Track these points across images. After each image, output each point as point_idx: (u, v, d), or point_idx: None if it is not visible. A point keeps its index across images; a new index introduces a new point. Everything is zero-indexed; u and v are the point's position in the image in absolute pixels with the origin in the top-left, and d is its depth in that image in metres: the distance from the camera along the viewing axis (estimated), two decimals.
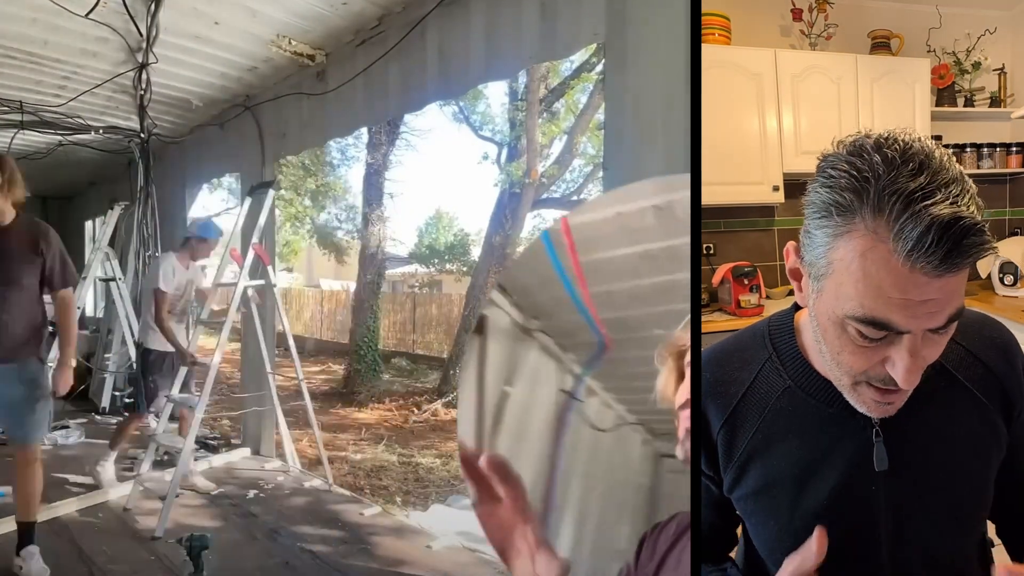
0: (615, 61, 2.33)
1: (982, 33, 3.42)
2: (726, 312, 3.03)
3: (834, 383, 0.87)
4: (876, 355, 0.77)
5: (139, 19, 3.29)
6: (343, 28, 3.47)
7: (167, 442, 3.51)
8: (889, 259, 0.70)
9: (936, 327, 0.73)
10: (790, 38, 3.39)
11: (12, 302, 2.48)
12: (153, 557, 2.80)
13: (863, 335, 0.75)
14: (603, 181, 2.91)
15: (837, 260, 0.74)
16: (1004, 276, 3.14)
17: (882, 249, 0.70)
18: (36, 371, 2.57)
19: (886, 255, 0.70)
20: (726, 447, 0.96)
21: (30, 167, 5.83)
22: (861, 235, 0.71)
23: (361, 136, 10.73)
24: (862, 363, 0.79)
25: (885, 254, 0.70)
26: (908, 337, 0.74)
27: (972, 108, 3.51)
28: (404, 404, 8.73)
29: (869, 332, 0.74)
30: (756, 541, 1.01)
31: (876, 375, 0.79)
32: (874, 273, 0.71)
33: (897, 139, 0.72)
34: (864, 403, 0.84)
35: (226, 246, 4.00)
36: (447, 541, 3.05)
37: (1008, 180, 3.58)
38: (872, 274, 0.71)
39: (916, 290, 0.70)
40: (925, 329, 0.73)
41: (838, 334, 0.78)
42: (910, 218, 0.68)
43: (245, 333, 4.51)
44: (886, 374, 0.78)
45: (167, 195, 5.44)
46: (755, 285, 3.01)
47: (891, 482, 0.90)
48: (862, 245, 0.71)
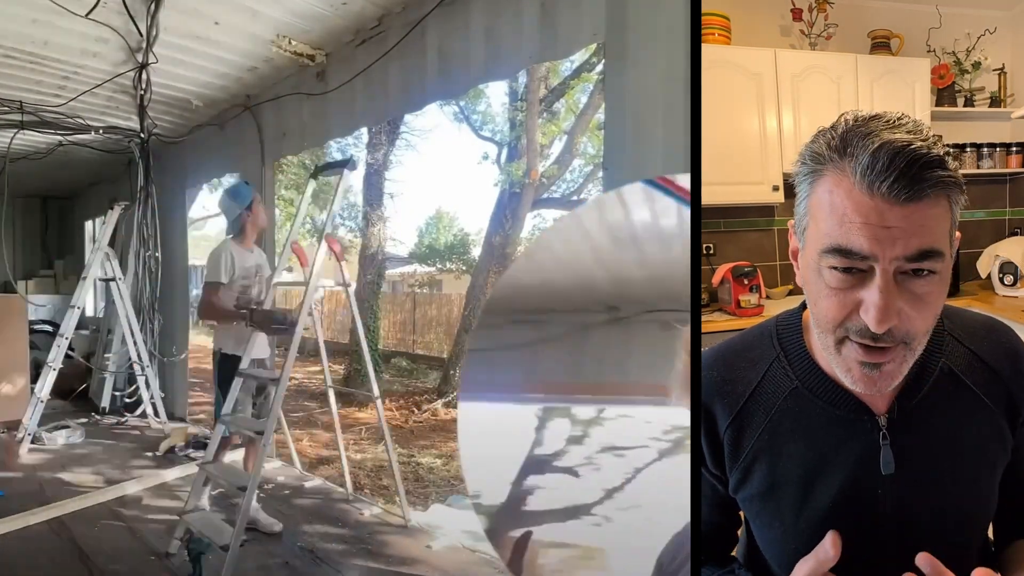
0: (615, 61, 2.33)
1: (982, 33, 3.42)
2: (726, 312, 3.04)
3: (827, 355, 0.86)
4: (848, 299, 0.78)
5: (139, 19, 3.29)
6: (343, 28, 3.47)
7: (226, 479, 2.79)
8: (852, 189, 0.76)
9: (904, 255, 0.74)
10: (790, 38, 3.39)
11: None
12: (153, 557, 2.80)
13: (836, 272, 0.78)
14: (603, 181, 2.90)
15: (813, 205, 0.81)
16: (1004, 276, 3.13)
17: (846, 182, 0.76)
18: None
19: (849, 186, 0.76)
20: (732, 446, 0.96)
21: (30, 167, 5.86)
22: (830, 174, 0.78)
23: (361, 136, 10.71)
24: (837, 308, 0.80)
25: (848, 185, 0.76)
26: (879, 276, 0.75)
27: (972, 108, 3.51)
28: (404, 404, 8.73)
29: (838, 262, 0.77)
30: (760, 541, 1.01)
31: (853, 325, 0.80)
32: (839, 203, 0.76)
33: (880, 112, 0.79)
34: (850, 369, 0.83)
35: (286, 240, 3.36)
36: (447, 541, 3.05)
37: (1008, 180, 3.58)
38: (837, 204, 0.77)
39: (876, 215, 0.74)
40: (891, 257, 0.74)
41: (815, 280, 0.81)
42: (865, 146, 0.75)
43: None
44: (862, 323, 0.78)
45: (167, 195, 5.44)
46: (755, 285, 3.01)
47: (896, 485, 0.90)
48: (831, 182, 0.78)
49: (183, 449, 4.44)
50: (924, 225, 0.74)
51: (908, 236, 0.74)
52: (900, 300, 0.76)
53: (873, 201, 0.73)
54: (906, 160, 0.72)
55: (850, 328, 0.80)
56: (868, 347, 0.80)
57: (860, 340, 0.80)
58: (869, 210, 0.74)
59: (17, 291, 6.31)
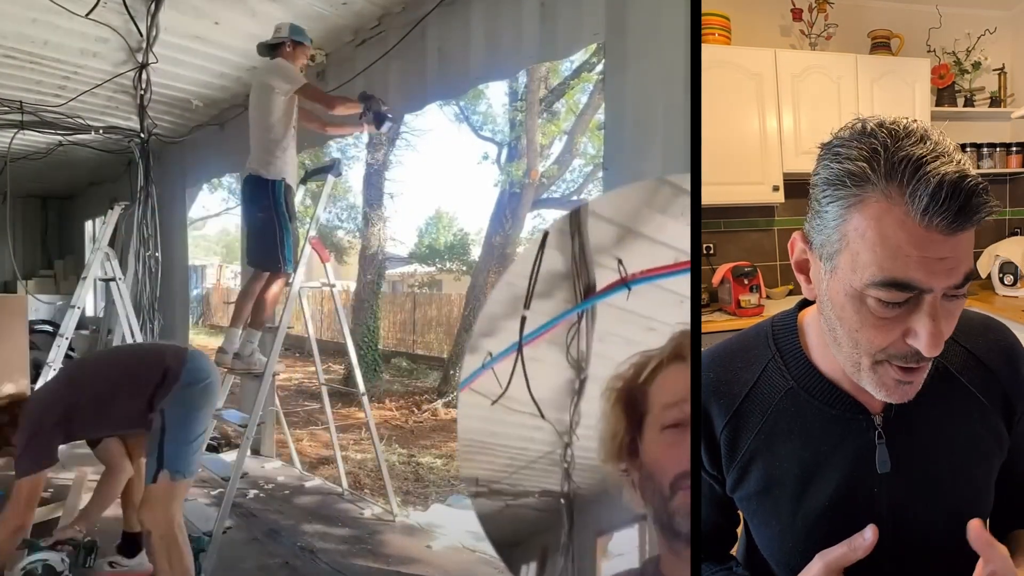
0: (615, 61, 2.33)
1: (982, 33, 3.42)
2: (726, 312, 3.03)
3: (849, 368, 0.85)
4: (897, 327, 0.77)
5: (139, 19, 3.29)
6: (343, 28, 3.47)
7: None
8: (905, 220, 0.73)
9: (955, 284, 0.75)
10: (790, 38, 3.39)
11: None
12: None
13: (883, 303, 0.76)
14: (603, 181, 2.91)
15: (851, 231, 0.76)
16: (1004, 276, 3.13)
17: (897, 212, 0.73)
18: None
19: (901, 217, 0.73)
20: (729, 447, 0.96)
21: (30, 167, 5.86)
22: (875, 201, 0.75)
23: (361, 136, 10.71)
24: (883, 337, 0.78)
25: (900, 216, 0.73)
26: (929, 302, 0.75)
27: (972, 108, 3.51)
28: (404, 404, 8.74)
29: (890, 296, 0.75)
30: (759, 541, 1.01)
31: (897, 352, 0.79)
32: (891, 235, 0.74)
33: (895, 119, 0.78)
34: (884, 385, 0.82)
35: (305, 238, 3.29)
36: (447, 541, 3.05)
37: (1008, 180, 3.57)
38: (889, 236, 0.74)
39: (933, 248, 0.73)
40: (944, 287, 0.74)
41: (856, 308, 0.78)
42: (921, 179, 0.72)
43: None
44: (907, 349, 0.78)
45: (167, 195, 5.44)
46: (755, 285, 3.01)
47: (892, 484, 0.90)
48: (877, 210, 0.74)
49: None
50: (967, 250, 0.75)
51: (957, 265, 0.74)
52: (941, 321, 0.77)
53: (928, 233, 0.72)
54: (964, 194, 0.71)
55: (892, 354, 0.79)
56: (908, 368, 0.80)
57: (904, 364, 0.80)
58: (925, 242, 0.73)
59: (20, 290, 6.31)
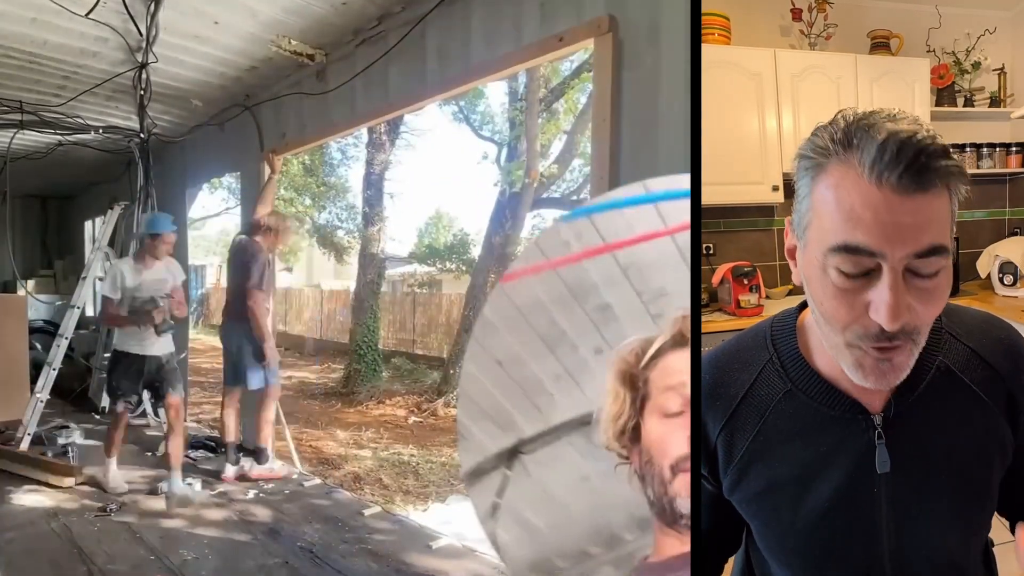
0: (615, 61, 2.33)
1: (982, 33, 3.42)
2: (726, 312, 3.03)
3: (831, 351, 0.84)
4: (857, 299, 0.76)
5: (139, 19, 3.28)
6: (343, 28, 3.47)
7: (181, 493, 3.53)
8: (858, 181, 0.73)
9: (914, 251, 0.73)
10: (790, 38, 3.38)
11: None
12: (153, 557, 2.80)
13: (843, 274, 0.75)
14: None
15: (817, 200, 0.78)
16: (1004, 276, 3.13)
17: (852, 174, 0.74)
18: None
19: (855, 179, 0.74)
20: (726, 450, 0.95)
21: (30, 167, 5.86)
22: (834, 166, 0.76)
23: (361, 136, 10.72)
24: (845, 311, 0.77)
25: (855, 178, 0.74)
26: (888, 274, 0.73)
27: (972, 108, 3.51)
28: (404, 404, 8.74)
29: (847, 264, 0.75)
30: (760, 542, 1.01)
31: (865, 330, 0.77)
32: (845, 197, 0.74)
33: (875, 110, 0.78)
34: (862, 366, 0.80)
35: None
36: (447, 541, 3.05)
37: (1008, 180, 3.57)
38: (844, 199, 0.74)
39: (886, 209, 0.72)
40: (903, 254, 0.73)
41: (820, 279, 0.78)
42: (872, 137, 0.73)
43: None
44: (873, 326, 0.76)
45: (167, 195, 5.43)
46: (755, 285, 3.01)
47: (893, 483, 0.89)
48: (836, 175, 0.76)
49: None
50: (932, 219, 0.73)
51: (918, 232, 0.72)
52: (908, 296, 0.75)
53: (882, 192, 0.71)
54: (914, 150, 0.71)
55: (859, 333, 0.78)
56: (881, 348, 0.79)
57: (872, 344, 0.78)
58: (878, 202, 0.72)
59: (20, 290, 6.30)
